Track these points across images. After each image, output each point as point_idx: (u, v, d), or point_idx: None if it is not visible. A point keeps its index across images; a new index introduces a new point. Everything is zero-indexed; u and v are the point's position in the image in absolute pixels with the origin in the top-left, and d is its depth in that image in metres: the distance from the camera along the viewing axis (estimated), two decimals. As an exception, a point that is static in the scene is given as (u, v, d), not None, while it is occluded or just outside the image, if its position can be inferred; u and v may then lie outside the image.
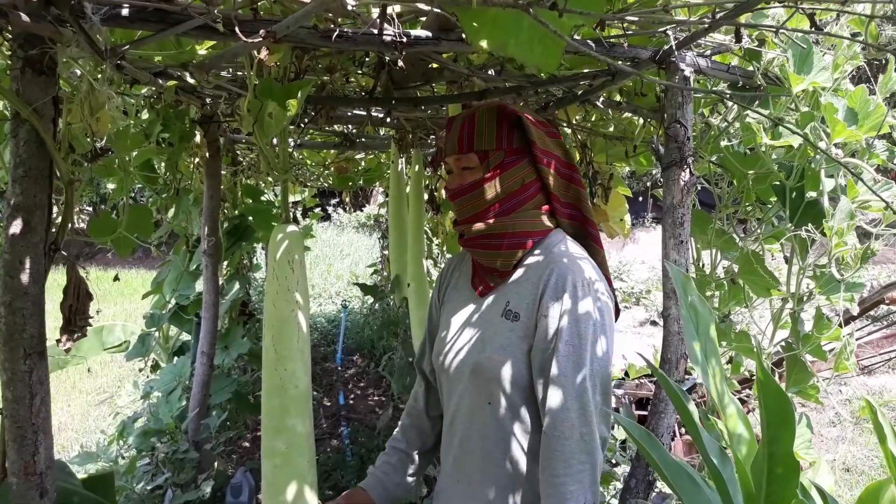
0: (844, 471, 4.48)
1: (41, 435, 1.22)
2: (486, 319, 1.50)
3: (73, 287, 1.32)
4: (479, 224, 1.49)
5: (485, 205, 1.48)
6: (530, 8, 0.77)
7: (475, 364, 1.46)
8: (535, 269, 1.47)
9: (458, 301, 1.61)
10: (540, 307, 1.40)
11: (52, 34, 1.13)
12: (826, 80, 1.74)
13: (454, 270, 1.71)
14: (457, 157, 1.51)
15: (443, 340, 1.58)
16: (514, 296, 1.47)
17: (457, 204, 1.52)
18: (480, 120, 1.49)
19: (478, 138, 1.48)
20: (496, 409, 1.43)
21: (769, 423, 0.94)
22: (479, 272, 1.56)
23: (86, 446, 4.64)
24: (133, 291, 9.29)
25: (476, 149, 1.48)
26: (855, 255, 1.72)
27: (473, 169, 1.50)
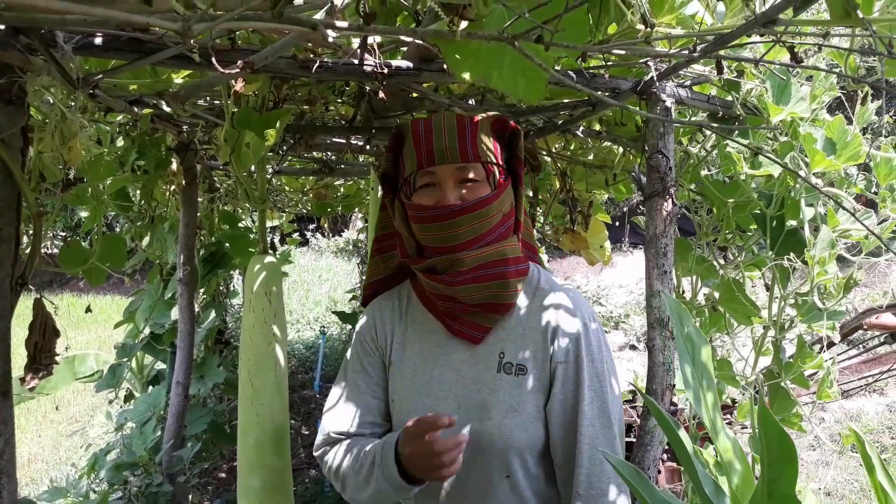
0: (825, 495, 4.48)
1: (5, 479, 1.17)
2: (476, 379, 1.27)
3: (39, 323, 1.27)
4: (479, 251, 1.25)
5: (484, 228, 1.25)
6: (515, 42, 0.75)
7: (480, 435, 1.23)
8: (528, 309, 1.31)
9: (423, 356, 1.33)
10: (554, 354, 1.25)
11: (22, 63, 1.10)
12: (804, 111, 1.76)
13: (384, 317, 1.40)
14: (459, 166, 1.25)
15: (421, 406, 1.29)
16: (509, 344, 1.28)
17: (451, 224, 1.23)
18: (482, 129, 1.29)
19: (482, 148, 1.27)
20: (516, 482, 1.24)
21: (770, 462, 0.91)
22: (458, 316, 1.30)
23: (56, 480, 4.51)
24: (107, 318, 9.13)
25: (482, 160, 1.27)
26: (838, 285, 1.72)
27: (478, 183, 1.26)
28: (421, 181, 1.29)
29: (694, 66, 1.75)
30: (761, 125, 1.81)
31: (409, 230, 1.32)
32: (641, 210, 1.72)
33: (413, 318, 1.37)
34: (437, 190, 1.27)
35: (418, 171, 1.28)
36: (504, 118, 1.34)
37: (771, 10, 1.16)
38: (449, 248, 1.25)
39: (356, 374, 1.38)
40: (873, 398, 6.09)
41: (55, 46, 1.09)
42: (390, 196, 1.40)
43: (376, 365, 1.38)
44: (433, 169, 1.26)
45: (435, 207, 1.25)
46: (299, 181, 4.76)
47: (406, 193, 1.32)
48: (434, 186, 1.27)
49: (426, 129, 1.28)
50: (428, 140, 1.27)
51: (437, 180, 1.27)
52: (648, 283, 1.61)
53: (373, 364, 1.38)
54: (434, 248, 1.27)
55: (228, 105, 1.38)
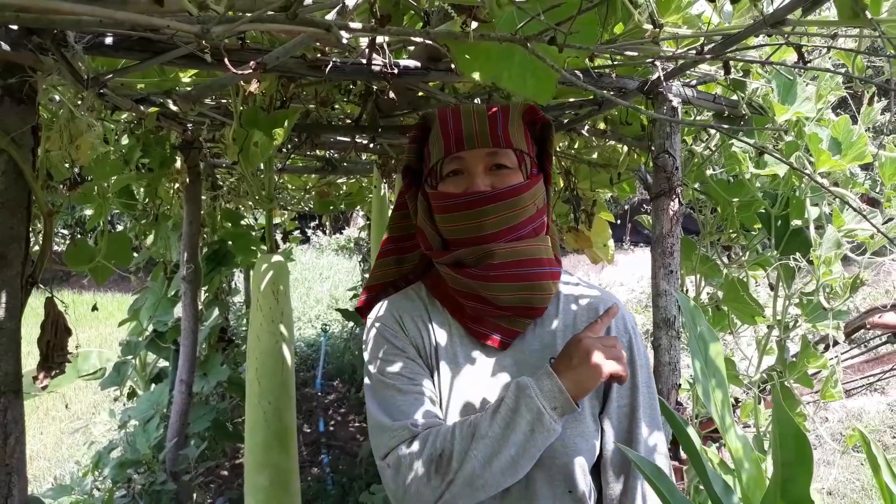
0: (827, 494, 4.48)
1: (15, 476, 1.17)
2: None
3: (50, 322, 1.27)
4: (512, 245, 1.15)
5: (517, 219, 1.16)
6: (528, 43, 0.76)
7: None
8: (571, 312, 1.23)
9: (461, 367, 1.18)
10: None
11: (33, 63, 1.10)
12: (810, 111, 1.76)
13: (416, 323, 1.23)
14: (490, 151, 1.16)
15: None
16: (560, 349, 1.15)
17: (480, 213, 1.14)
18: (513, 116, 1.19)
19: (515, 135, 1.18)
20: (578, 496, 1.13)
21: (784, 462, 0.91)
22: (486, 319, 1.19)
23: (59, 478, 4.52)
24: (109, 316, 9.13)
25: (515, 147, 1.17)
26: (844, 284, 1.72)
27: (511, 170, 1.17)
28: (448, 168, 1.19)
29: (700, 66, 1.76)
30: (767, 125, 1.81)
31: (433, 224, 1.22)
32: (644, 209, 1.72)
33: (442, 320, 1.23)
34: (465, 177, 1.17)
35: (445, 158, 1.18)
36: (535, 107, 1.24)
37: (779, 10, 1.16)
38: (479, 238, 1.15)
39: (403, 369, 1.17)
40: (874, 397, 6.09)
41: (66, 46, 1.09)
42: (413, 190, 1.30)
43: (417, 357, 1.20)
44: (462, 154, 1.17)
45: (463, 195, 1.15)
46: (302, 179, 4.77)
47: (431, 183, 1.23)
48: (462, 174, 1.18)
49: (454, 115, 1.19)
50: (456, 125, 1.18)
51: (466, 167, 1.17)
52: (655, 282, 1.62)
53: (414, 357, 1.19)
54: (461, 241, 1.17)
55: (237, 104, 1.38)
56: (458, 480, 1.04)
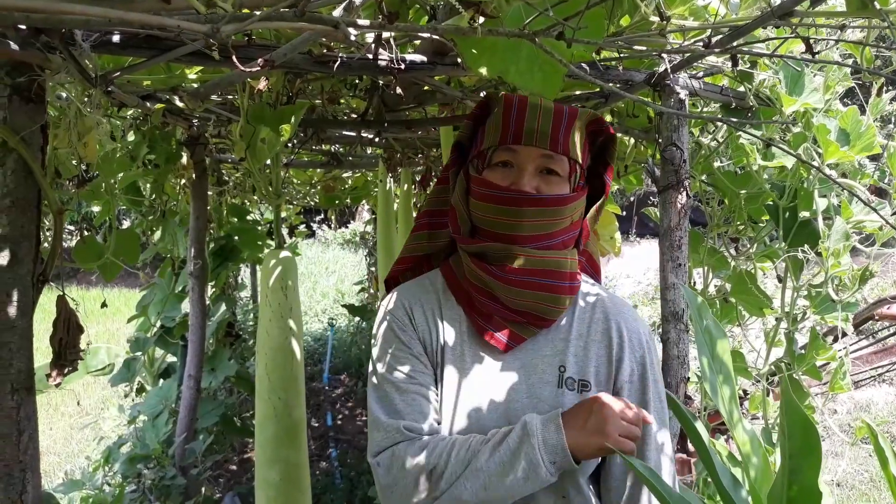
0: (835, 485, 4.48)
1: (29, 473, 1.18)
2: (532, 394, 1.14)
3: (62, 320, 1.28)
4: (540, 253, 1.13)
5: (552, 228, 1.14)
6: (536, 38, 0.75)
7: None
8: (587, 322, 1.21)
9: (471, 365, 1.17)
10: (620, 372, 1.16)
11: (41, 62, 1.11)
12: (818, 102, 1.75)
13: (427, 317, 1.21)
14: (546, 153, 1.13)
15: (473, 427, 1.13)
16: (570, 358, 1.16)
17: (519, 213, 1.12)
18: (578, 123, 1.16)
19: (573, 144, 1.15)
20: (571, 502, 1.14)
21: (791, 453, 0.91)
22: (496, 319, 1.17)
23: (70, 473, 4.55)
24: (116, 311, 9.17)
25: (570, 155, 1.14)
26: (853, 276, 1.72)
27: (560, 178, 1.14)
28: (499, 157, 1.16)
29: (707, 58, 1.75)
30: (775, 116, 1.80)
31: (467, 207, 1.20)
32: (651, 201, 1.72)
33: (452, 315, 1.21)
34: (513, 171, 1.15)
35: (499, 147, 1.16)
36: (602, 119, 1.22)
37: (787, 2, 1.15)
38: (510, 237, 1.13)
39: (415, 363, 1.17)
40: (882, 388, 6.08)
41: (74, 44, 1.09)
42: (456, 167, 1.27)
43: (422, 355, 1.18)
44: (517, 148, 1.14)
45: (507, 189, 1.13)
46: (307, 173, 4.77)
47: (477, 167, 1.20)
48: (511, 167, 1.15)
49: (520, 104, 1.14)
50: (520, 116, 1.14)
51: (518, 161, 1.14)
52: (663, 275, 1.61)
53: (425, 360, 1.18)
54: (490, 233, 1.16)
55: (244, 101, 1.39)
56: (443, 499, 1.05)
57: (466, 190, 1.20)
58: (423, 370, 1.17)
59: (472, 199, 1.18)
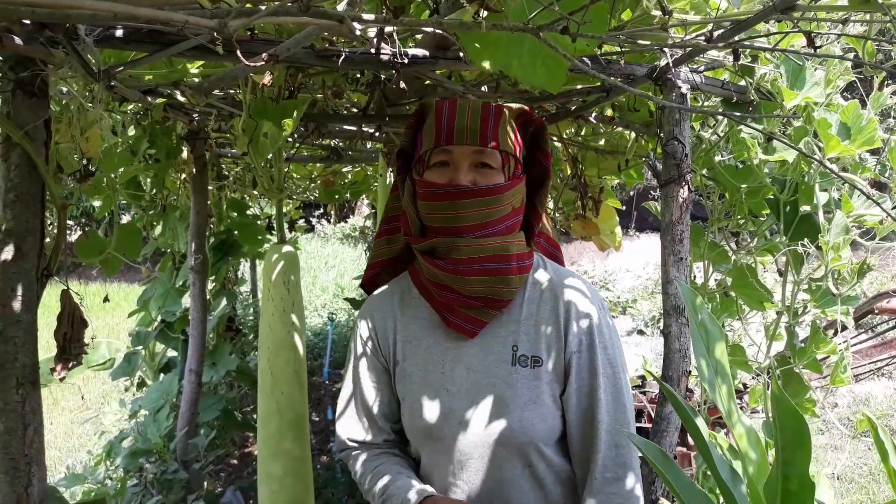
0: (835, 479, 4.50)
1: (34, 466, 1.19)
2: (489, 373, 1.24)
3: (67, 314, 1.29)
4: (482, 241, 1.22)
5: (491, 216, 1.22)
6: (540, 32, 0.76)
7: (497, 429, 1.22)
8: (536, 301, 1.29)
9: (432, 354, 1.29)
10: (567, 344, 1.24)
11: (45, 56, 1.11)
12: (819, 96, 1.75)
13: (386, 319, 1.36)
14: (477, 149, 1.22)
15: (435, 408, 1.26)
16: (522, 337, 1.26)
17: (457, 205, 1.21)
18: (506, 118, 1.26)
19: (502, 137, 1.24)
20: (536, 473, 1.25)
21: (784, 444, 0.92)
22: (456, 308, 1.27)
23: (72, 467, 4.56)
24: (115, 305, 9.16)
25: (501, 148, 1.24)
26: (852, 270, 1.72)
27: (493, 170, 1.24)
28: (436, 158, 1.26)
29: (709, 52, 1.75)
30: (776, 110, 1.80)
31: (416, 209, 1.29)
32: (652, 195, 1.72)
33: (415, 313, 1.34)
34: (450, 169, 1.24)
35: (435, 148, 1.25)
36: (530, 112, 1.32)
37: (790, -5, 1.15)
38: (453, 229, 1.22)
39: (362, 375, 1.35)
40: (882, 382, 6.10)
41: (77, 39, 1.09)
42: (402, 174, 1.37)
43: (381, 368, 1.35)
44: (450, 148, 1.24)
45: (446, 185, 1.22)
46: (307, 168, 4.77)
47: (419, 170, 1.30)
48: (448, 166, 1.25)
49: (450, 108, 1.26)
50: (450, 118, 1.24)
51: (453, 160, 1.24)
52: (664, 269, 1.62)
53: (377, 367, 1.35)
54: (438, 229, 1.25)
55: (246, 95, 1.39)
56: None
57: (413, 193, 1.29)
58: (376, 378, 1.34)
59: (418, 201, 1.27)
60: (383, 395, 1.34)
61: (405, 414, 1.31)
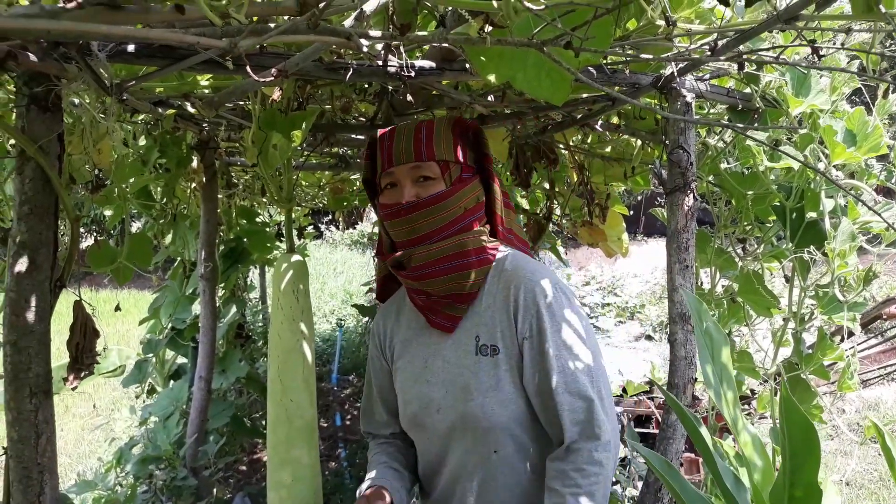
0: (844, 485, 4.47)
1: (47, 475, 1.21)
2: (459, 363, 1.36)
3: (79, 325, 1.30)
4: (438, 244, 1.33)
5: (443, 222, 1.33)
6: (544, 47, 0.77)
7: (465, 416, 1.33)
8: (494, 293, 1.38)
9: (418, 351, 1.44)
10: (518, 330, 1.33)
11: (59, 71, 1.13)
12: (824, 103, 1.76)
13: (387, 325, 1.53)
14: (414, 165, 1.34)
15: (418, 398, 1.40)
16: (482, 328, 1.36)
17: (408, 220, 1.33)
18: (437, 130, 1.38)
19: (437, 148, 1.35)
20: (505, 456, 1.34)
21: (792, 453, 0.93)
22: (435, 308, 1.41)
23: (82, 474, 4.59)
24: (126, 313, 9.19)
25: (437, 158, 1.35)
26: (858, 277, 1.73)
27: (434, 180, 1.35)
28: (385, 181, 1.40)
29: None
30: (781, 118, 1.81)
31: (384, 229, 1.43)
32: (658, 202, 1.73)
33: (408, 317, 1.49)
34: (397, 189, 1.37)
35: (382, 173, 1.39)
36: (463, 119, 1.44)
37: (793, 6, 1.16)
38: (411, 241, 1.34)
39: (373, 375, 1.55)
40: (892, 387, 6.06)
41: (90, 55, 1.11)
42: (371, 201, 1.51)
43: (385, 368, 1.52)
44: (392, 170, 1.36)
45: (394, 205, 1.35)
46: (315, 175, 4.78)
47: (376, 196, 1.45)
48: (395, 186, 1.38)
49: (390, 135, 1.39)
50: (389, 144, 1.37)
51: (396, 180, 1.37)
52: (670, 277, 1.63)
53: (383, 368, 1.53)
54: (401, 243, 1.37)
55: (255, 107, 1.40)
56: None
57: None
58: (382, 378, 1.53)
59: (384, 222, 1.40)
60: (387, 392, 1.52)
61: (399, 406, 1.47)
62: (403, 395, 1.45)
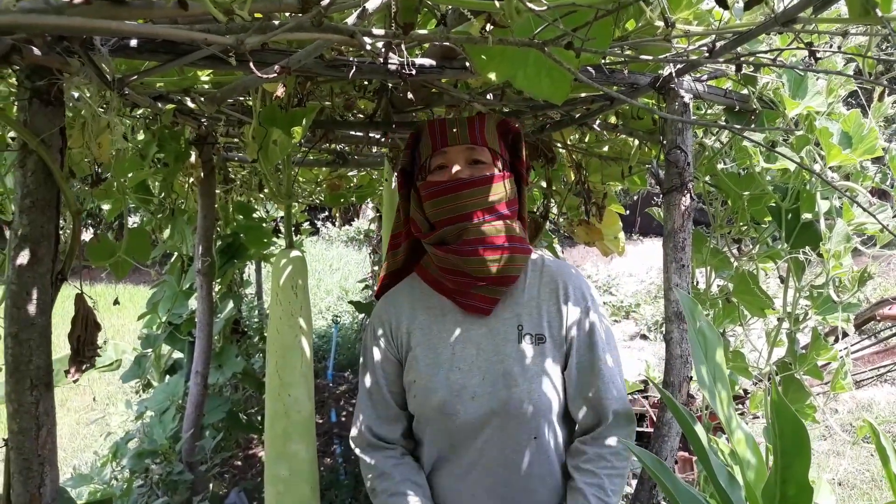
0: (837, 484, 4.50)
1: (47, 466, 1.22)
2: (498, 351, 1.38)
3: (81, 318, 1.31)
4: (489, 224, 1.37)
5: (491, 203, 1.38)
6: (545, 48, 0.78)
7: (508, 402, 1.34)
8: (538, 284, 1.45)
9: (441, 337, 1.43)
10: (567, 321, 1.41)
11: (61, 65, 1.13)
12: (820, 105, 1.77)
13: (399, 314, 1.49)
14: (469, 147, 1.41)
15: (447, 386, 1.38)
16: (525, 317, 1.40)
17: (459, 196, 1.37)
18: (489, 124, 1.46)
19: (489, 138, 1.44)
20: (542, 443, 1.37)
21: (783, 451, 0.94)
22: (466, 290, 1.41)
23: (78, 468, 4.59)
24: (121, 307, 9.14)
25: (490, 146, 1.43)
26: (852, 278, 1.74)
27: (485, 164, 1.42)
28: (436, 162, 1.43)
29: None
30: (778, 119, 1.82)
31: (422, 211, 1.45)
32: (655, 201, 1.74)
33: (425, 303, 1.47)
34: (448, 169, 1.41)
35: (434, 154, 1.43)
36: (508, 121, 1.51)
37: (791, 9, 1.17)
38: (459, 217, 1.37)
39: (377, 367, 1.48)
40: (885, 388, 6.09)
41: (93, 49, 1.12)
42: (405, 189, 1.54)
43: (391, 360, 1.47)
44: (446, 149, 1.42)
45: (448, 180, 1.39)
46: (313, 172, 4.79)
47: (422, 177, 1.46)
48: (446, 168, 1.42)
49: (440, 121, 1.45)
50: (442, 128, 1.43)
51: (450, 160, 1.42)
52: (666, 276, 1.64)
53: (388, 359, 1.47)
54: (444, 220, 1.39)
55: (256, 103, 1.41)
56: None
57: (418, 198, 1.46)
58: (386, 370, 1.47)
59: (424, 202, 1.43)
60: (395, 385, 1.47)
61: (416, 396, 1.41)
62: (426, 382, 1.40)
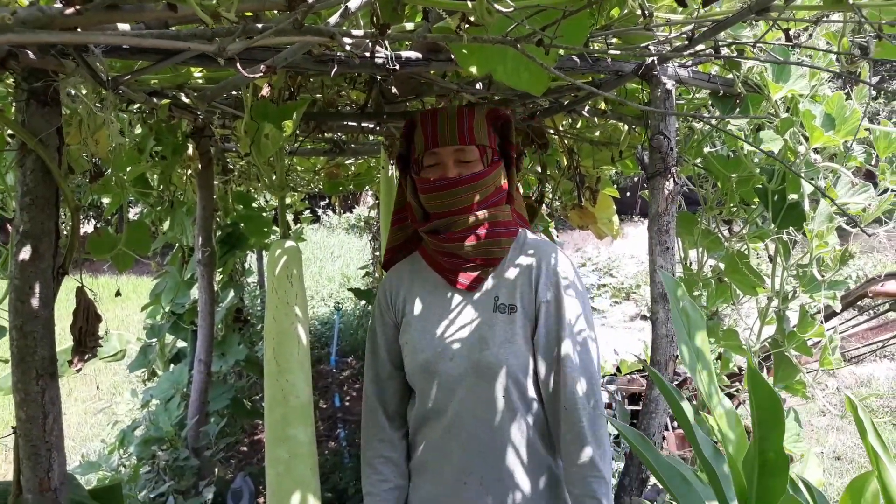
0: (835, 459, 4.56)
1: (54, 452, 1.27)
2: (479, 319, 1.54)
3: (82, 310, 1.36)
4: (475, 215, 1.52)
5: (479, 197, 1.53)
6: (518, 44, 0.82)
7: (479, 363, 1.50)
8: (516, 261, 1.58)
9: (433, 307, 1.59)
10: (538, 294, 1.52)
11: (57, 67, 1.17)
12: (804, 88, 1.80)
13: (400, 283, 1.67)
14: (458, 148, 1.53)
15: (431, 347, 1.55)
16: (502, 289, 1.55)
17: (451, 194, 1.51)
18: (477, 117, 1.56)
19: (477, 134, 1.54)
20: (511, 400, 1.50)
21: (760, 422, 0.99)
22: (458, 269, 1.57)
23: (86, 455, 4.66)
24: (124, 298, 9.24)
25: (477, 143, 1.54)
26: (835, 257, 1.78)
27: (473, 162, 1.54)
28: (427, 161, 1.56)
29: (693, 48, 1.80)
30: (762, 103, 1.85)
31: (418, 200, 1.59)
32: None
33: (422, 277, 1.63)
34: (439, 167, 1.54)
35: (425, 152, 1.56)
36: (497, 109, 1.63)
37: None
38: (451, 212, 1.52)
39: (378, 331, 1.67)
40: (884, 364, 6.15)
41: (87, 51, 1.16)
42: (404, 174, 1.68)
43: (390, 324, 1.65)
44: (436, 150, 1.54)
45: (439, 180, 1.52)
46: (311, 161, 4.82)
47: (416, 171, 1.60)
48: (437, 165, 1.55)
49: (432, 117, 1.56)
50: (433, 126, 1.55)
51: (440, 159, 1.54)
52: (652, 259, 1.68)
53: (388, 324, 1.65)
54: (437, 214, 1.55)
55: (247, 98, 1.45)
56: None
57: (414, 188, 1.60)
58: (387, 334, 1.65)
59: (420, 195, 1.58)
60: (392, 344, 1.65)
61: (407, 355, 1.59)
62: (415, 344, 1.57)
